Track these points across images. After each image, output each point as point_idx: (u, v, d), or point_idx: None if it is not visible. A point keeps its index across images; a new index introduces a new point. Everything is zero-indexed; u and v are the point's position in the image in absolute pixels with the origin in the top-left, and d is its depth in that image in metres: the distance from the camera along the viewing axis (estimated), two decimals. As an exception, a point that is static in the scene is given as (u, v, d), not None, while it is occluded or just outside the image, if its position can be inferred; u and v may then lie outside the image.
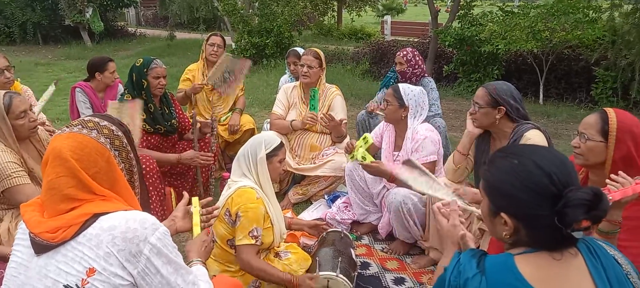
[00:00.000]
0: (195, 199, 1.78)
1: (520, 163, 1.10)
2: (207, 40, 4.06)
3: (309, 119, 3.39)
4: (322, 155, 3.47)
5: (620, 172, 1.59)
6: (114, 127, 1.40)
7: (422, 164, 2.63)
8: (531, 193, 1.06)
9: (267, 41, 9.86)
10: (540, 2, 8.09)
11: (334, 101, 3.51)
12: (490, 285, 1.03)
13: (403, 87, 2.84)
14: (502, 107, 2.38)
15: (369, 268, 2.74)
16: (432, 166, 2.73)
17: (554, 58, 6.83)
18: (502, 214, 1.11)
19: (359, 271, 2.57)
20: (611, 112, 1.79)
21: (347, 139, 3.45)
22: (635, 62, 6.05)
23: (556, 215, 1.02)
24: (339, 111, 3.47)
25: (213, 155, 3.20)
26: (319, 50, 3.57)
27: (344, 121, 3.45)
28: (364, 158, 2.72)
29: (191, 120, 3.23)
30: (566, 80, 7.03)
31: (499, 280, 1.03)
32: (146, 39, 15.80)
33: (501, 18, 7.17)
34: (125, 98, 3.03)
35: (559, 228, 1.03)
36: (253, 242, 2.15)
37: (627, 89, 6.24)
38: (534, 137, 2.29)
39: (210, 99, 4.05)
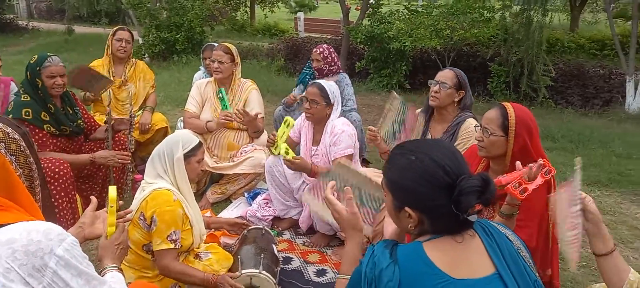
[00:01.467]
0: (112, 194, 1.60)
1: (417, 159, 1.18)
2: (114, 34, 3.81)
3: (223, 118, 3.32)
4: (241, 153, 3.43)
5: (517, 163, 1.75)
6: (9, 130, 1.28)
7: (338, 158, 2.74)
8: (429, 186, 1.15)
9: (178, 36, 9.50)
10: (441, 2, 8.65)
11: (250, 95, 3.48)
12: (403, 272, 1.10)
13: (327, 85, 2.88)
14: (462, 91, 2.56)
15: (292, 262, 2.77)
16: (348, 159, 2.82)
17: (455, 54, 7.35)
18: (406, 208, 1.18)
19: (282, 266, 2.59)
20: (510, 107, 1.95)
21: (265, 135, 3.44)
22: (524, 58, 6.71)
23: (453, 204, 1.12)
24: (256, 105, 3.44)
25: (130, 154, 3.03)
26: (229, 45, 3.51)
27: (260, 116, 3.43)
28: (286, 153, 2.74)
29: (106, 117, 3.01)
30: (466, 75, 7.58)
31: (410, 267, 1.11)
32: (40, 34, 14.47)
33: (407, 16, 7.56)
34: (22, 98, 2.75)
35: (457, 215, 1.12)
36: (172, 246, 2.08)
37: (518, 83, 6.89)
38: (473, 123, 2.49)
39: (118, 97, 3.82)
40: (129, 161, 3.00)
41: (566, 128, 5.55)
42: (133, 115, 3.10)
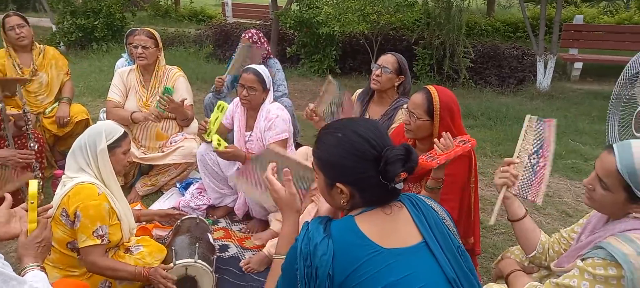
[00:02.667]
0: (32, 189, 1.51)
1: (343, 136, 1.24)
2: (3, 25, 3.42)
3: (154, 112, 3.16)
4: (170, 143, 3.32)
5: (445, 133, 1.86)
6: None
7: (275, 142, 2.74)
8: (357, 160, 1.21)
9: (96, 23, 8.93)
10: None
11: (177, 82, 3.36)
12: (336, 244, 1.15)
13: (262, 70, 2.85)
14: (402, 76, 2.62)
15: (228, 250, 2.75)
16: (284, 143, 2.83)
17: (382, 39, 7.55)
18: (338, 184, 1.23)
19: (218, 254, 2.56)
20: (434, 92, 2.05)
21: (196, 124, 3.36)
22: (445, 41, 7.04)
23: (380, 174, 1.19)
24: (183, 92, 3.34)
25: (34, 152, 2.81)
26: (152, 30, 3.37)
27: (189, 103, 3.34)
28: (219, 144, 2.68)
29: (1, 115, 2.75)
30: (395, 59, 7.83)
31: (343, 239, 1.16)
32: None
33: (335, 1, 7.64)
34: None
35: (385, 185, 1.19)
36: (98, 241, 1.99)
37: (441, 65, 7.23)
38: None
39: (29, 89, 3.51)
40: (32, 160, 2.79)
41: (485, 106, 5.92)
42: (28, 111, 2.85)
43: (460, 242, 1.30)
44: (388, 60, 2.70)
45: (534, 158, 1.86)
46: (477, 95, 6.77)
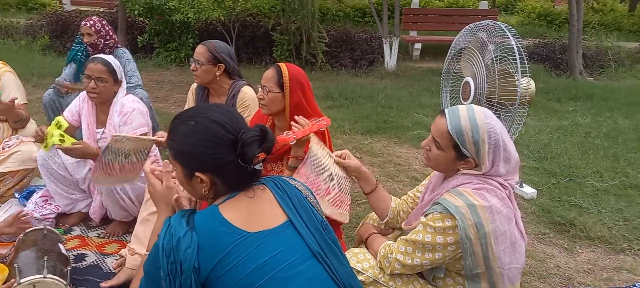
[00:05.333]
0: None
1: (197, 123, 1.23)
2: None
3: None
4: (3, 148, 2.90)
5: (300, 116, 1.94)
6: None
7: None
8: (214, 146, 1.21)
9: None
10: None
11: (2, 79, 2.93)
12: (201, 236, 1.13)
13: (111, 59, 2.62)
14: (221, 64, 2.55)
15: (86, 258, 2.53)
16: (142, 139, 2.67)
17: (240, 25, 7.49)
18: (197, 174, 1.22)
19: (74, 265, 2.34)
20: (284, 67, 2.15)
21: (34, 125, 2.99)
22: (301, 27, 7.26)
23: (239, 157, 1.20)
24: (13, 90, 2.93)
25: None
26: None
27: (21, 101, 2.95)
28: (62, 141, 2.41)
29: None
30: (252, 45, 7.85)
31: (208, 230, 1.15)
32: None
33: (188, -13, 7.35)
34: None
35: (244, 168, 1.21)
36: None
37: (299, 50, 7.45)
38: (249, 91, 2.59)
39: None
40: None
41: (342, 87, 6.28)
42: None
43: (324, 216, 1.38)
44: (199, 51, 2.69)
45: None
46: (334, 78, 7.14)
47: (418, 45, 8.68)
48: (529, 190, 3.36)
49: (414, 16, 8.83)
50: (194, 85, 2.84)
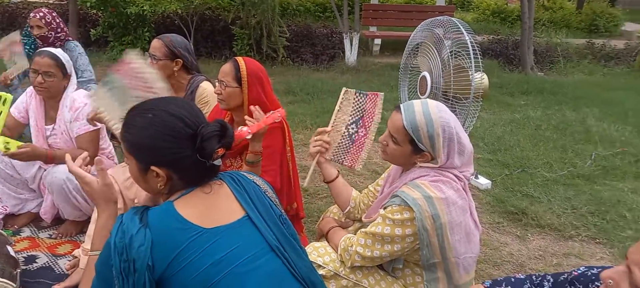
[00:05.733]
0: None
1: (155, 116, 1.19)
2: None
3: None
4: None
5: (255, 107, 1.93)
6: None
7: (87, 133, 2.47)
8: (171, 139, 1.18)
9: None
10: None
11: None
12: (155, 233, 1.10)
13: (59, 53, 2.50)
14: (179, 59, 2.47)
15: (37, 260, 2.42)
16: (95, 135, 2.57)
17: (198, 19, 7.35)
18: (153, 168, 1.19)
19: (24, 267, 2.25)
20: (242, 61, 2.12)
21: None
22: (261, 21, 7.20)
23: (197, 152, 1.18)
24: None
25: None
26: None
27: None
28: (7, 148, 2.28)
29: None
30: (211, 39, 7.72)
31: (162, 227, 1.12)
32: None
33: (143, -22, 7.13)
34: None
35: (202, 163, 1.19)
36: None
37: (260, 44, 7.38)
38: (208, 87, 2.52)
39: None
40: None
41: (303, 82, 6.27)
42: None
43: (282, 210, 1.37)
44: (155, 46, 2.57)
45: (353, 128, 1.99)
46: (295, 72, 7.13)
47: (378, 41, 8.79)
48: (484, 182, 3.48)
49: (374, 12, 8.93)
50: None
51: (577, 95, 6.26)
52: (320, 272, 1.65)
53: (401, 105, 1.67)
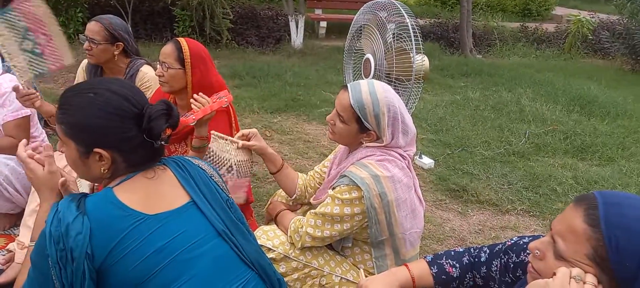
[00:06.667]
0: None
1: (97, 95, 1.13)
2: None
3: None
4: None
5: (199, 94, 1.88)
6: None
7: (14, 120, 2.31)
8: (117, 119, 1.13)
9: None
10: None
11: None
12: (93, 221, 1.05)
13: None
14: (120, 43, 2.35)
15: (-36, 259, 2.26)
16: (25, 122, 2.41)
17: (136, 0, 7.01)
18: (96, 149, 1.13)
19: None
20: (184, 42, 2.05)
21: None
22: (204, 2, 6.98)
23: (145, 132, 1.14)
24: None
25: None
26: None
27: None
28: None
29: None
30: (151, 21, 7.41)
31: (101, 214, 1.07)
32: None
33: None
34: None
35: (149, 144, 1.15)
36: None
37: (203, 27, 7.17)
38: (149, 71, 2.41)
39: None
40: None
41: (249, 66, 6.18)
42: None
43: (229, 194, 1.35)
44: (94, 30, 2.40)
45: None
46: (240, 56, 7.00)
47: (323, 24, 8.78)
48: (427, 161, 3.61)
49: (319, -6, 8.91)
50: (85, 61, 2.59)
51: (512, 76, 6.58)
52: (270, 255, 1.66)
53: (348, 85, 1.69)
